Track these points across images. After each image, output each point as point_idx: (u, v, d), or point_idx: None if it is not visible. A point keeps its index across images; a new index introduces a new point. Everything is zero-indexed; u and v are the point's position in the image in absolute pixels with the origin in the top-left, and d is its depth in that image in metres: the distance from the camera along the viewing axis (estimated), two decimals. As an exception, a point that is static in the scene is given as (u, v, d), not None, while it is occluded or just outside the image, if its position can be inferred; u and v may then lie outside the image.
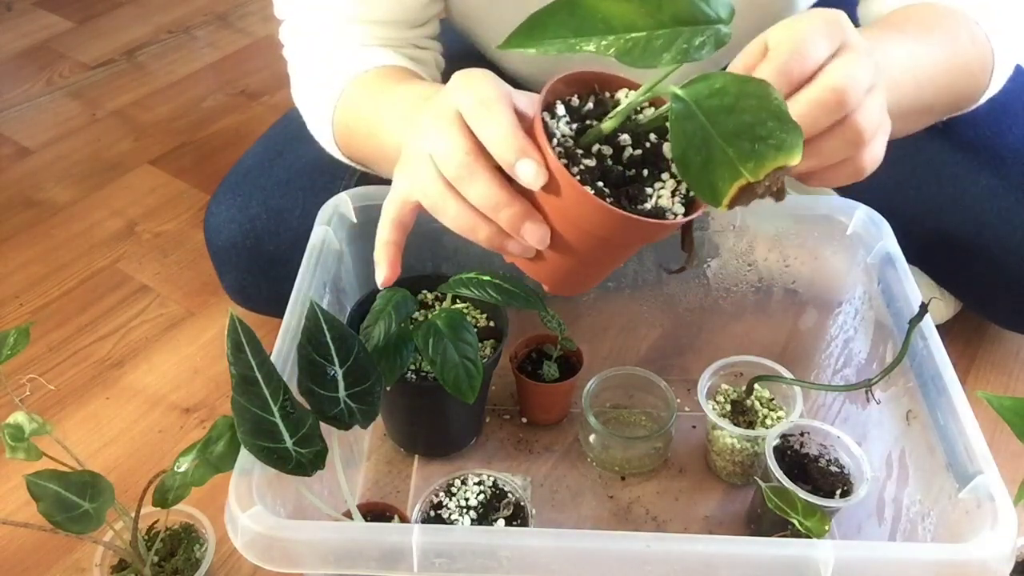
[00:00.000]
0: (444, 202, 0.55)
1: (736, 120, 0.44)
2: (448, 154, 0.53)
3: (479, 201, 0.53)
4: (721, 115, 0.45)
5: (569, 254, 0.55)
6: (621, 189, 0.52)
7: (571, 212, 0.51)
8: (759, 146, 0.44)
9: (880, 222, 0.81)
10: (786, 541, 0.59)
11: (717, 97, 0.45)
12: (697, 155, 0.45)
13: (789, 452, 0.80)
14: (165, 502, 0.65)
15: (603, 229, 0.52)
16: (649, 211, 0.51)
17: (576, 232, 0.53)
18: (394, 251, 0.63)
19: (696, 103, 0.45)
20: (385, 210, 0.63)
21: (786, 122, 0.44)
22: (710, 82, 0.46)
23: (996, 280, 0.93)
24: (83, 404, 1.00)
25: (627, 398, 0.94)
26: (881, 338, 0.79)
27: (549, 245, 0.54)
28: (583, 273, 0.59)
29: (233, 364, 0.58)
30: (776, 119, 0.44)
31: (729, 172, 0.44)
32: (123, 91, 1.56)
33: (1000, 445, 0.82)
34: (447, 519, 0.75)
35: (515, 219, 0.52)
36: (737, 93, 0.45)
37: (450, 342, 0.74)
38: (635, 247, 0.60)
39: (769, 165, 0.44)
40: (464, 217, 0.54)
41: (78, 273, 1.18)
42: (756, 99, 0.45)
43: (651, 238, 0.55)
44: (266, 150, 1.00)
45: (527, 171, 0.50)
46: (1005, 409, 0.60)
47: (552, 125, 0.52)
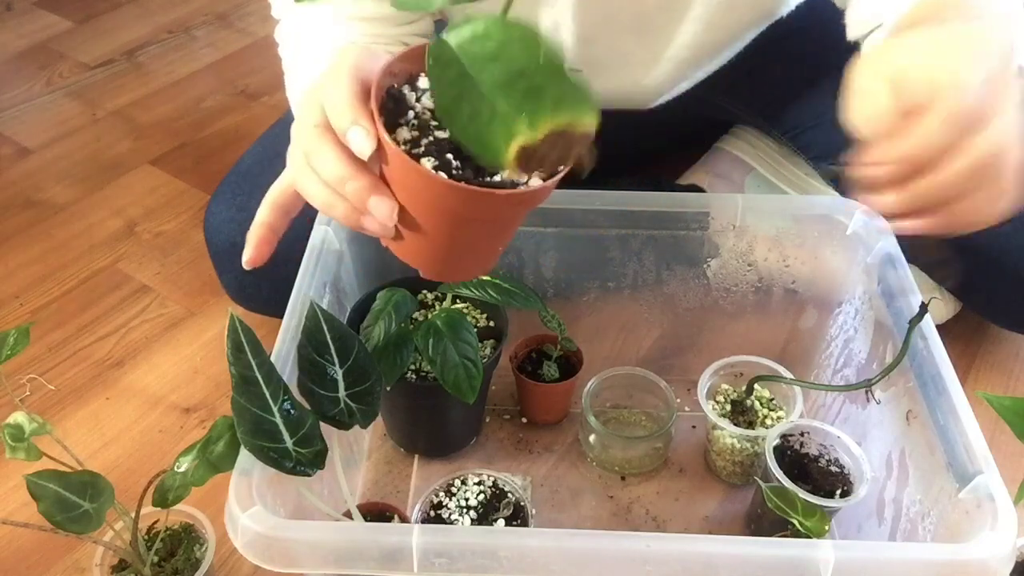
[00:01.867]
0: (304, 178, 0.54)
1: (502, 68, 0.40)
2: (304, 129, 0.53)
3: (326, 175, 0.52)
4: (487, 63, 0.40)
5: (425, 232, 0.52)
6: (471, 162, 0.48)
7: (408, 185, 0.50)
8: (532, 100, 0.40)
9: (880, 222, 0.81)
10: (786, 541, 0.59)
11: (480, 42, 0.41)
12: (463, 107, 0.41)
13: (789, 452, 0.80)
14: (165, 502, 0.65)
15: (441, 200, 0.49)
16: (498, 183, 0.48)
17: (421, 207, 0.51)
18: (265, 232, 0.62)
19: (459, 48, 0.41)
20: (268, 193, 0.62)
21: (562, 77, 0.40)
22: (473, 25, 0.41)
23: (996, 280, 0.93)
24: (83, 404, 1.00)
25: (627, 398, 0.94)
26: (881, 338, 0.79)
27: (404, 223, 0.52)
28: (450, 255, 0.55)
29: (233, 364, 0.58)
30: (548, 73, 0.40)
31: (502, 128, 0.40)
32: (123, 91, 1.56)
33: (1000, 445, 0.81)
34: (447, 519, 0.75)
35: (360, 192, 0.51)
36: (502, 38, 0.41)
37: (450, 342, 0.74)
38: (495, 224, 0.54)
39: (546, 122, 0.40)
40: (321, 193, 0.53)
41: (78, 273, 1.18)
42: (522, 47, 0.41)
43: (500, 211, 0.51)
44: (266, 150, 1.01)
45: (356, 138, 0.48)
46: (1005, 409, 0.60)
47: (411, 98, 0.50)
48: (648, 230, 0.86)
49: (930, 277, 0.93)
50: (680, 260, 0.89)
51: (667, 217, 0.85)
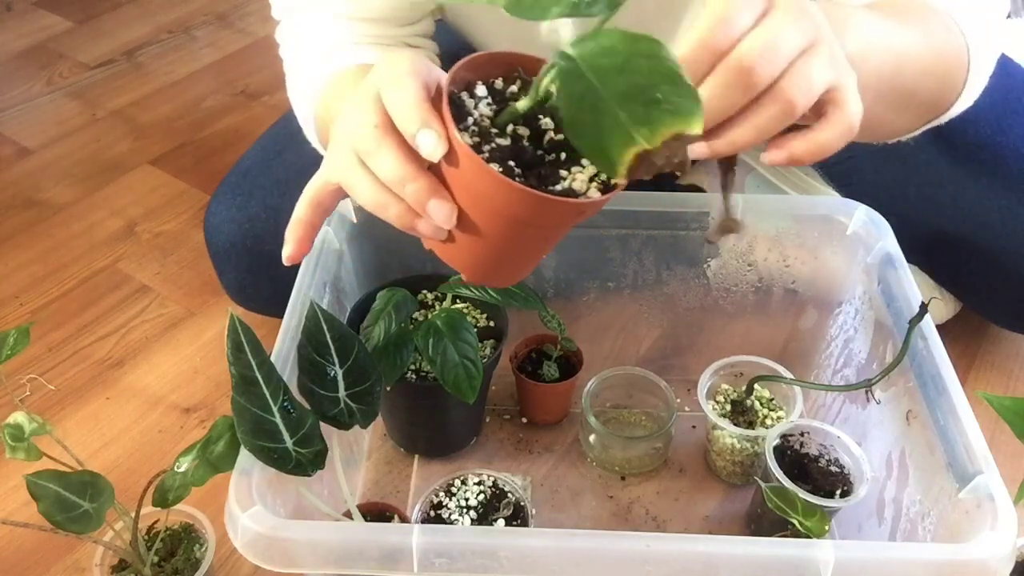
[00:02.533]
0: (355, 178, 0.54)
1: (627, 81, 0.41)
2: (359, 129, 0.52)
3: (385, 175, 0.52)
4: (611, 75, 0.42)
5: (480, 236, 0.53)
6: (533, 170, 0.50)
7: (475, 188, 0.50)
8: (653, 110, 0.41)
9: (880, 222, 0.81)
10: (786, 541, 0.59)
11: (607, 56, 0.42)
12: (587, 118, 0.42)
13: (789, 452, 0.80)
14: (165, 502, 0.65)
15: (507, 206, 0.49)
16: (559, 192, 0.49)
17: (483, 211, 0.51)
18: (305, 229, 0.62)
19: (584, 62, 0.42)
20: (305, 191, 0.62)
21: (680, 86, 0.42)
22: (599, 40, 0.43)
23: (996, 280, 0.93)
24: (83, 404, 1.00)
25: (627, 398, 0.94)
26: (881, 338, 0.79)
27: (459, 226, 0.52)
28: (499, 260, 0.56)
29: (233, 364, 0.58)
30: (670, 82, 0.41)
31: (622, 137, 0.41)
32: (123, 91, 1.56)
33: (1000, 445, 0.82)
34: (447, 519, 0.75)
35: (420, 194, 0.51)
36: (627, 52, 0.42)
37: (450, 342, 0.74)
38: (549, 231, 0.55)
39: (664, 131, 0.41)
40: (374, 193, 0.53)
41: (78, 273, 1.18)
42: (647, 59, 0.42)
43: (560, 219, 0.52)
44: (266, 150, 1.01)
45: (426, 141, 0.48)
46: (1005, 409, 0.60)
47: (470, 105, 0.51)
48: (648, 230, 0.86)
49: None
50: (680, 260, 0.89)
51: (667, 217, 0.85)
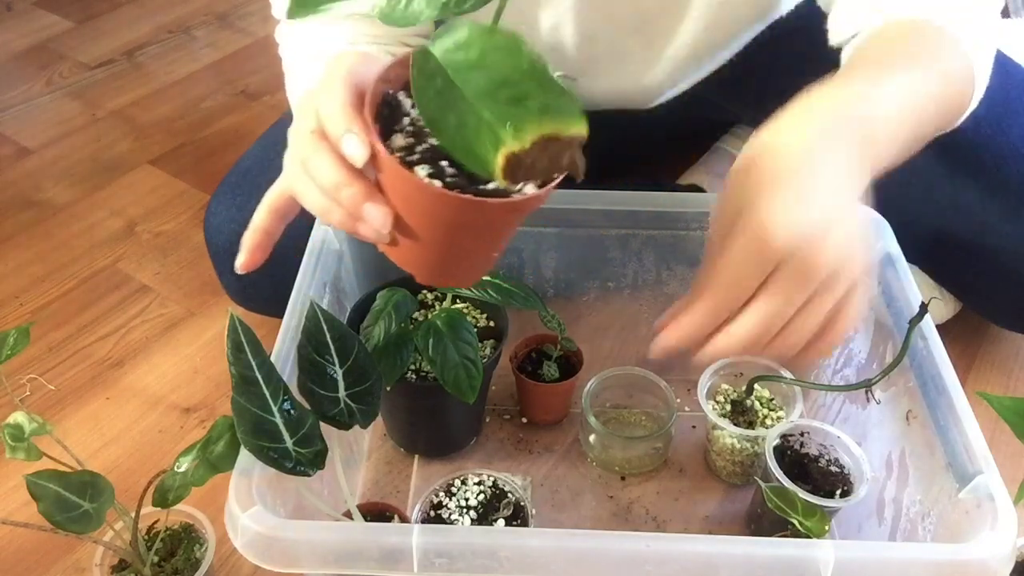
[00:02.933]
0: (301, 184, 0.54)
1: (486, 77, 0.40)
2: (299, 136, 0.53)
3: (321, 181, 0.52)
4: (469, 71, 0.40)
5: (421, 239, 0.52)
6: (465, 169, 0.47)
7: (403, 193, 0.49)
8: (518, 108, 0.39)
9: (880, 222, 0.81)
10: (786, 541, 0.59)
11: (462, 50, 0.41)
12: (449, 118, 0.40)
13: (789, 452, 0.80)
14: (165, 502, 0.65)
15: (436, 210, 0.49)
16: (492, 190, 0.48)
17: (416, 215, 0.51)
18: (261, 237, 0.62)
19: (442, 57, 0.41)
20: (265, 197, 0.62)
21: (549, 85, 0.40)
22: (455, 35, 0.42)
23: (996, 280, 0.93)
24: (83, 404, 1.00)
25: (627, 398, 0.94)
26: (881, 338, 0.79)
27: (400, 230, 0.52)
28: (446, 261, 0.55)
29: (233, 364, 0.58)
30: (535, 80, 0.40)
31: (489, 137, 0.39)
32: (123, 91, 1.56)
33: (1000, 445, 0.81)
34: (447, 519, 0.75)
35: (355, 199, 0.51)
36: (483, 47, 0.41)
37: (450, 342, 0.74)
38: (488, 231, 0.54)
39: (532, 131, 0.39)
40: (317, 199, 0.53)
41: (78, 273, 1.18)
42: (505, 54, 0.41)
43: (495, 219, 0.51)
44: (265, 150, 1.01)
45: (349, 146, 0.48)
46: (1005, 409, 0.60)
47: (406, 104, 0.50)
48: (648, 230, 0.86)
49: None
50: (680, 260, 0.89)
51: (667, 217, 0.85)
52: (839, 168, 0.54)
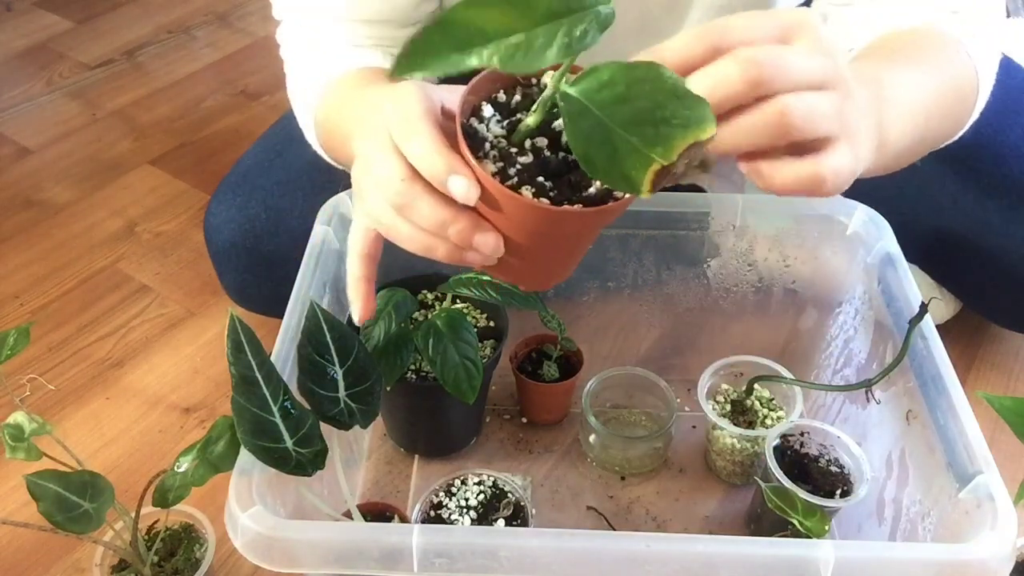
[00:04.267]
0: (397, 227, 0.54)
1: (632, 108, 0.43)
2: (387, 182, 0.53)
3: (425, 224, 0.52)
4: (615, 106, 0.43)
5: (530, 255, 0.54)
6: (563, 178, 0.50)
7: (514, 218, 0.50)
8: (663, 128, 0.42)
9: (880, 222, 0.81)
10: (786, 541, 0.59)
11: (608, 88, 0.44)
12: (601, 150, 0.43)
13: (789, 452, 0.80)
14: (165, 502, 0.65)
15: (549, 227, 0.51)
16: (594, 195, 0.50)
17: (526, 234, 0.52)
18: (366, 286, 0.62)
19: (587, 98, 0.44)
20: (351, 244, 0.62)
21: (686, 98, 0.43)
22: (599, 74, 0.44)
23: (996, 280, 0.93)
24: (83, 404, 1.00)
25: (627, 398, 0.94)
26: (881, 338, 0.79)
27: (508, 249, 0.52)
28: (549, 268, 0.58)
29: (233, 364, 0.58)
30: (675, 98, 0.43)
31: (640, 160, 0.43)
32: (123, 91, 1.56)
33: (1000, 445, 0.81)
34: (447, 519, 0.75)
35: (464, 234, 0.51)
36: (628, 80, 0.44)
37: (450, 342, 0.74)
38: (592, 233, 0.57)
39: (679, 145, 0.42)
40: (418, 239, 0.54)
41: (78, 273, 1.18)
42: (648, 83, 0.43)
43: (601, 222, 0.53)
44: (266, 150, 1.00)
45: (458, 188, 0.49)
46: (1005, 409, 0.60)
47: (482, 129, 0.51)
48: (648, 230, 0.86)
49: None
50: (680, 260, 0.89)
51: (667, 217, 0.85)
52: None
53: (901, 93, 0.60)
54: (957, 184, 0.90)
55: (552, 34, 0.43)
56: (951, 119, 0.71)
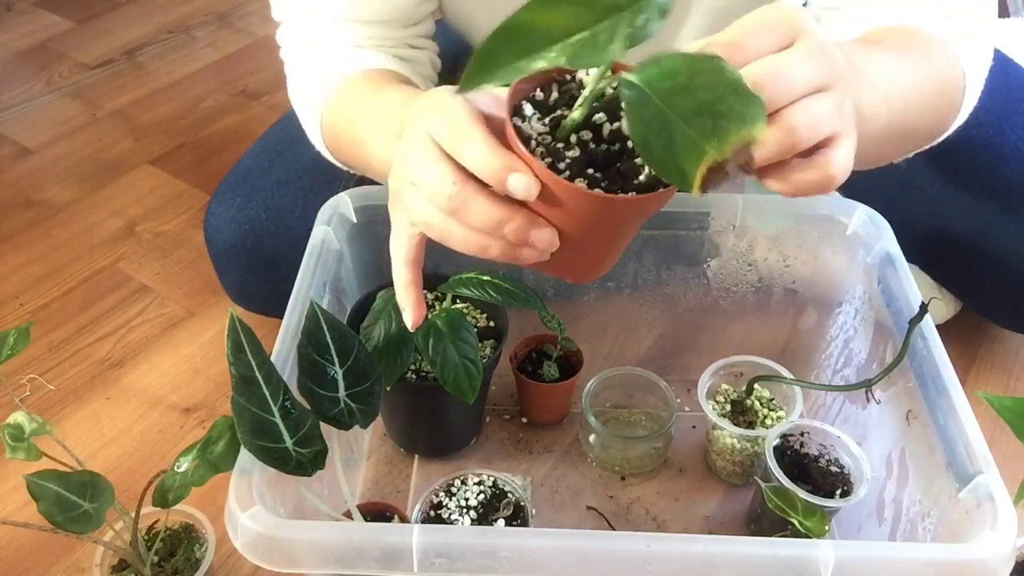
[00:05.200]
0: (449, 230, 0.55)
1: (693, 99, 0.43)
2: (437, 188, 0.53)
3: (481, 224, 0.53)
4: (677, 96, 0.43)
5: (582, 246, 0.55)
6: (612, 169, 0.51)
7: (572, 210, 0.51)
8: (720, 122, 0.43)
9: (880, 222, 0.81)
10: (786, 541, 0.59)
11: (670, 79, 0.44)
12: (658, 139, 0.44)
13: (789, 452, 0.80)
14: (165, 502, 0.65)
15: (606, 217, 0.52)
16: (644, 183, 0.51)
17: (582, 226, 0.53)
18: (416, 291, 0.64)
19: (649, 87, 0.44)
20: (395, 251, 0.63)
21: (744, 94, 0.43)
22: (661, 64, 0.45)
23: (996, 280, 0.93)
24: (83, 404, 1.00)
25: (627, 398, 0.94)
26: (881, 338, 0.79)
27: (562, 243, 0.53)
28: (601, 259, 0.59)
29: (233, 364, 0.58)
30: (734, 93, 0.43)
31: (694, 153, 0.43)
32: (123, 91, 1.56)
33: (1000, 445, 0.82)
34: (447, 519, 0.75)
35: (520, 231, 0.52)
36: (690, 71, 0.44)
37: (450, 342, 0.74)
38: (641, 219, 0.59)
39: (733, 140, 0.42)
40: (471, 240, 0.54)
41: (78, 273, 1.18)
42: (709, 75, 0.44)
43: (652, 210, 0.55)
44: (266, 150, 1.01)
45: (519, 185, 0.50)
46: (1005, 409, 0.60)
47: (525, 128, 0.52)
48: (648, 230, 0.86)
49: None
50: (680, 260, 0.89)
51: (667, 217, 0.85)
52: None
53: (878, 75, 0.62)
54: (957, 184, 0.90)
55: (615, 27, 0.44)
56: (933, 113, 0.70)
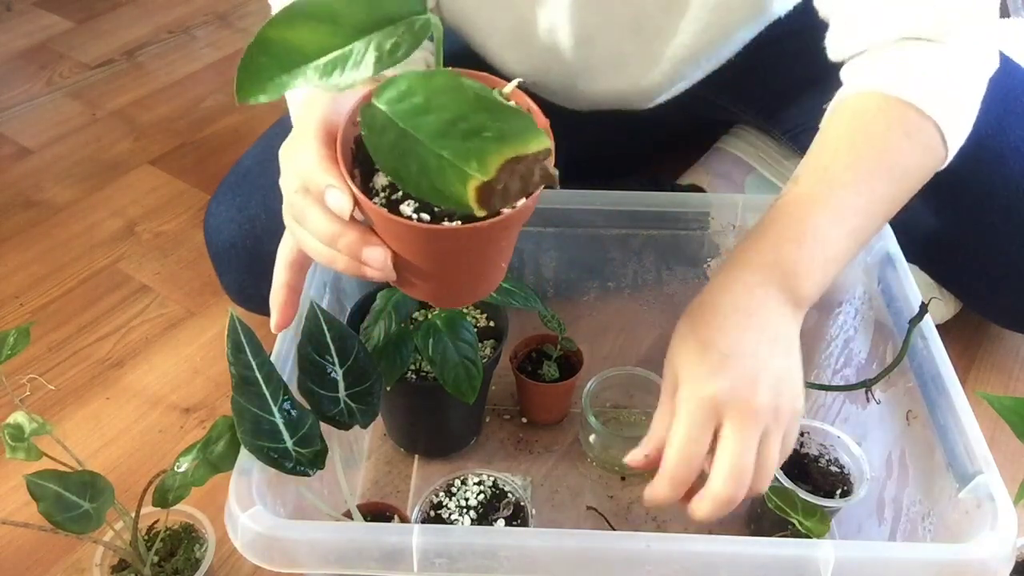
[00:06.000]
0: (303, 239, 0.55)
1: (436, 119, 0.41)
2: (288, 195, 0.54)
3: (318, 235, 0.53)
4: (417, 116, 0.41)
5: (426, 271, 0.53)
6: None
7: (394, 233, 0.50)
8: (475, 141, 0.40)
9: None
10: (786, 541, 0.59)
11: (406, 98, 0.42)
12: (409, 165, 0.41)
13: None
14: (165, 502, 0.65)
15: (429, 243, 0.49)
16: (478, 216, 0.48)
17: (414, 251, 0.51)
18: (287, 293, 0.62)
19: (388, 109, 0.42)
20: (279, 254, 0.62)
21: (498, 111, 0.41)
22: (396, 84, 0.42)
23: (996, 280, 0.93)
24: (83, 404, 1.00)
25: (627, 398, 0.94)
26: (881, 338, 0.79)
27: (404, 266, 0.52)
28: (456, 284, 0.56)
29: (233, 364, 0.58)
30: (484, 110, 0.41)
31: (455, 175, 0.40)
32: (123, 91, 1.56)
33: (1000, 445, 0.82)
34: (447, 519, 0.75)
35: (353, 247, 0.51)
36: (427, 90, 0.42)
37: (450, 342, 0.74)
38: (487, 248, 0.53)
39: (495, 159, 0.40)
40: (320, 251, 0.54)
41: (78, 273, 1.18)
42: (448, 93, 0.42)
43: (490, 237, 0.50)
44: (265, 150, 1.00)
45: (333, 200, 0.49)
46: (1005, 409, 0.60)
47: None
48: (648, 230, 0.86)
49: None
50: (680, 260, 0.89)
51: (667, 217, 0.85)
52: (765, 324, 0.60)
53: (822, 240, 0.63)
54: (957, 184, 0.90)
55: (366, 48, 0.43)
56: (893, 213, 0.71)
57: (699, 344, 0.59)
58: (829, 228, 0.63)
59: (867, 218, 0.66)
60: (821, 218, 0.63)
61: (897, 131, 0.67)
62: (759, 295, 0.60)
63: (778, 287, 0.61)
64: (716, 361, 0.58)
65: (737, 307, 0.60)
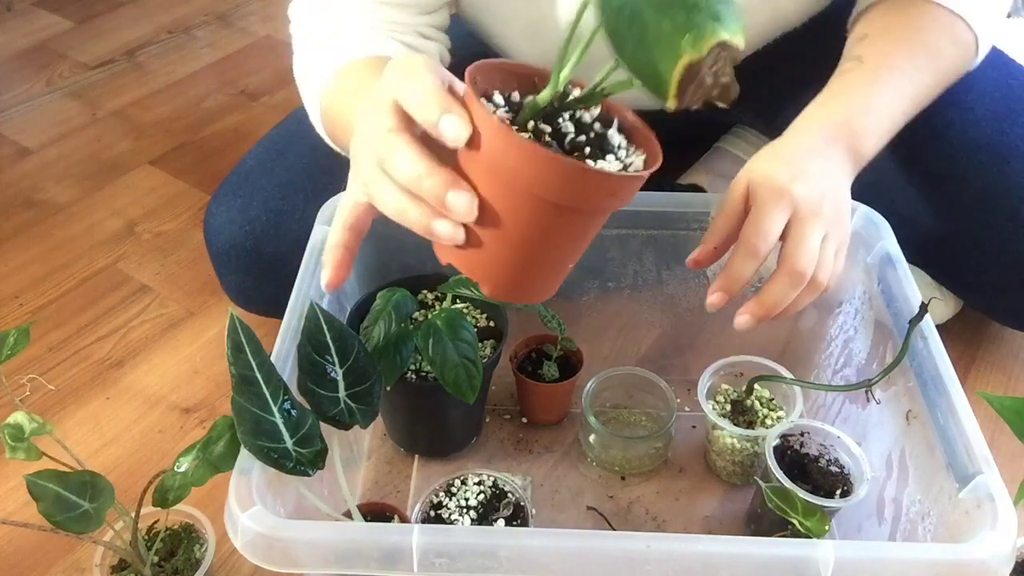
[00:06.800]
0: (378, 187, 0.53)
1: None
2: (374, 136, 0.52)
3: (402, 176, 0.51)
4: None
5: (504, 233, 0.50)
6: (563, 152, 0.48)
7: (502, 168, 0.47)
8: (694, 16, 0.40)
9: (880, 222, 0.81)
10: (786, 541, 0.59)
11: None
12: (630, 31, 0.41)
13: (789, 452, 0.80)
14: (165, 502, 0.65)
15: (538, 181, 0.47)
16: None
17: (509, 195, 0.48)
18: (342, 254, 0.61)
19: None
20: (337, 214, 0.61)
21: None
22: None
23: (997, 280, 0.93)
24: (83, 404, 1.00)
25: (627, 398, 0.94)
26: (881, 338, 0.79)
27: (482, 222, 0.50)
28: (525, 263, 0.53)
29: (233, 364, 0.58)
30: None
31: (669, 49, 0.40)
32: (123, 91, 1.56)
33: (1000, 445, 0.81)
34: (447, 519, 0.75)
35: (438, 188, 0.50)
36: None
37: (450, 342, 0.74)
38: (580, 220, 0.52)
39: (710, 37, 0.40)
40: (395, 199, 0.52)
41: (78, 273, 1.18)
42: None
43: (594, 198, 0.50)
44: (267, 151, 1.00)
45: (449, 125, 0.48)
46: (1005, 409, 0.60)
47: (488, 108, 0.49)
48: (648, 230, 0.86)
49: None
50: (680, 260, 0.88)
51: (667, 217, 0.85)
52: (831, 164, 0.70)
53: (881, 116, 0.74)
54: (957, 184, 0.90)
55: None
56: (933, 99, 0.80)
57: (778, 161, 0.68)
58: (888, 104, 0.74)
59: (913, 103, 0.77)
60: (883, 97, 0.74)
61: (945, 37, 0.79)
62: (829, 144, 0.71)
63: (845, 144, 0.71)
64: (793, 173, 0.67)
65: (811, 148, 0.70)
